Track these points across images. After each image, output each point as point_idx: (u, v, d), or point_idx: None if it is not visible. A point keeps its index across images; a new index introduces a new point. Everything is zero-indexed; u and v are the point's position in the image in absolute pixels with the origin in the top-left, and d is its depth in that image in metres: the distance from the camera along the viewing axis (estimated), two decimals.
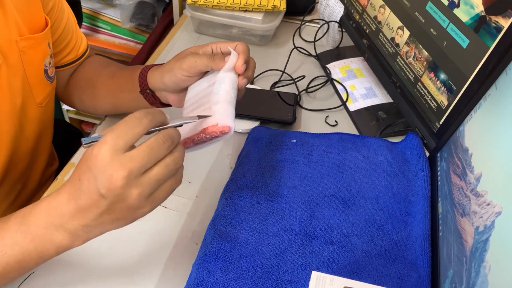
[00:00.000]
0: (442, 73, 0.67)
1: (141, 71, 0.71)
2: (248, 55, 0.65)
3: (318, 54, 1.00)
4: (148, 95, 0.71)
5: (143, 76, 0.70)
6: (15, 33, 0.64)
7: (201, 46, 0.67)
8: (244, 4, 1.00)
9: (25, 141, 0.73)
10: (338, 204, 0.66)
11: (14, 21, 0.64)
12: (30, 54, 0.67)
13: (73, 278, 0.62)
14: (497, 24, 0.56)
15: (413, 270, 0.59)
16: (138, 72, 0.71)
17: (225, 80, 0.62)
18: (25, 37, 0.65)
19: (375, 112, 0.87)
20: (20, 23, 0.65)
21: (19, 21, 0.65)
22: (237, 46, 0.65)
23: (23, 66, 0.66)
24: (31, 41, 0.66)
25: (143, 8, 1.41)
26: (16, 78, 0.66)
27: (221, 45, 0.66)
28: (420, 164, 0.70)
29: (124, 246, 0.65)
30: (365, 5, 0.88)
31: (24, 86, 0.68)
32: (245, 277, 0.58)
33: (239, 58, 0.63)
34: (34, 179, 0.81)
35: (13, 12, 0.64)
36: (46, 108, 0.75)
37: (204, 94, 0.63)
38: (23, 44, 0.65)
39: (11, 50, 0.64)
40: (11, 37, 0.64)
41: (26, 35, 0.66)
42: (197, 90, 0.65)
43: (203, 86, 0.65)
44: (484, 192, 0.50)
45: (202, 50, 0.66)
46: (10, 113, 0.66)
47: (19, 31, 0.65)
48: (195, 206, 0.72)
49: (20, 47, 0.65)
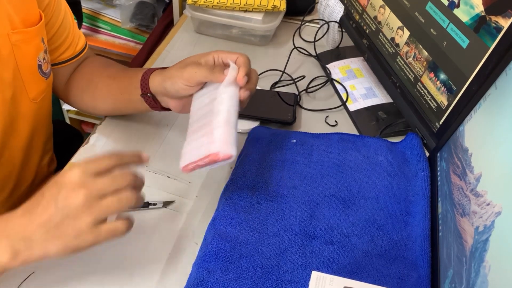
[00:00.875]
0: (442, 73, 0.67)
1: (143, 74, 0.71)
2: (249, 67, 0.65)
3: (318, 54, 1.00)
4: (149, 98, 0.71)
5: (145, 80, 0.70)
6: (7, 26, 0.64)
7: (203, 55, 0.67)
8: (244, 4, 1.00)
9: (17, 136, 0.73)
10: (338, 204, 0.66)
11: (6, 14, 0.64)
12: (22, 48, 0.67)
13: (73, 278, 0.62)
14: (497, 24, 0.56)
15: (413, 270, 0.59)
16: (140, 74, 0.71)
17: (225, 96, 0.63)
18: (17, 30, 0.66)
19: (375, 112, 0.87)
20: (13, 16, 0.65)
21: (12, 14, 0.65)
22: (238, 58, 0.65)
23: (15, 59, 0.67)
24: (24, 35, 0.67)
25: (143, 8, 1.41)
26: (7, 71, 0.66)
27: (223, 55, 0.66)
28: (420, 164, 0.70)
29: (124, 246, 0.65)
30: (365, 5, 0.88)
31: (15, 79, 0.68)
32: (245, 277, 0.58)
33: (240, 70, 0.64)
34: (28, 176, 0.81)
35: (5, 5, 0.64)
36: (41, 104, 0.75)
37: (206, 112, 0.64)
38: (15, 38, 0.65)
39: (2, 43, 0.64)
40: (3, 30, 0.64)
41: (19, 29, 0.66)
42: (200, 104, 0.66)
43: (205, 101, 0.65)
44: (484, 192, 0.50)
45: (204, 60, 0.67)
46: (0, 107, 0.66)
47: (12, 24, 0.65)
48: (195, 206, 0.72)
49: (12, 41, 0.65)
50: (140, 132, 0.83)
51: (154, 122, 0.85)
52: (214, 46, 1.05)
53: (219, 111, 0.61)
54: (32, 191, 0.84)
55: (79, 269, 0.63)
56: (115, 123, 0.85)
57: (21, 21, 0.67)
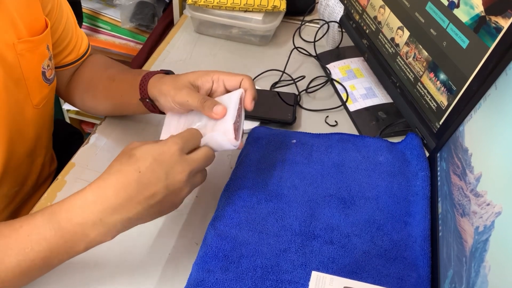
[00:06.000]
0: (442, 73, 0.67)
1: (142, 79, 0.69)
2: (255, 90, 0.65)
3: (318, 54, 1.00)
4: (148, 103, 0.70)
5: (144, 84, 0.69)
6: (13, 36, 0.64)
7: (202, 75, 0.65)
8: (244, 4, 1.00)
9: (22, 142, 0.72)
10: (338, 204, 0.66)
11: (11, 23, 0.64)
12: (27, 57, 0.67)
13: (73, 278, 0.62)
14: (497, 24, 0.56)
15: (413, 270, 0.59)
16: (140, 78, 0.70)
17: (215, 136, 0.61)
18: (23, 40, 0.65)
19: (375, 112, 0.87)
20: (20, 25, 0.65)
21: (18, 23, 0.64)
22: (242, 80, 0.64)
23: (21, 68, 0.66)
24: (29, 44, 0.66)
25: (143, 8, 1.42)
26: (13, 80, 0.66)
27: (224, 77, 0.64)
28: (420, 164, 0.70)
29: (124, 246, 0.65)
30: (365, 5, 0.88)
31: (21, 88, 0.68)
32: (245, 277, 0.58)
33: (248, 95, 0.63)
34: (32, 180, 0.81)
35: (11, 14, 0.63)
36: (44, 109, 0.75)
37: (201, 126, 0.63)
38: (21, 47, 0.65)
39: (8, 53, 0.64)
40: (8, 40, 0.63)
41: (24, 38, 0.65)
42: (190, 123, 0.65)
43: (195, 122, 0.64)
44: (484, 192, 0.50)
45: (201, 81, 0.64)
46: (6, 116, 0.66)
47: (17, 34, 0.65)
48: (195, 206, 0.72)
49: (17, 50, 0.65)
50: (140, 132, 0.83)
51: (154, 122, 0.85)
52: (214, 46, 1.06)
53: None
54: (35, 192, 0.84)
55: (79, 269, 0.63)
56: (115, 123, 0.85)
57: (27, 29, 0.66)
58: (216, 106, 0.60)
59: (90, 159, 0.78)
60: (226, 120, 0.60)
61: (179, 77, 0.65)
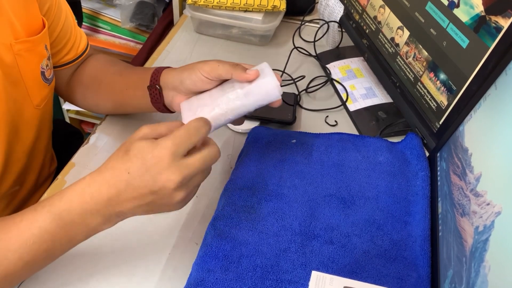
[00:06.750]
0: (442, 73, 0.67)
1: (155, 69, 0.71)
2: None
3: (318, 54, 1.00)
4: (155, 91, 0.70)
5: (157, 73, 0.70)
6: (10, 36, 0.64)
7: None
8: (244, 4, 1.00)
9: (22, 143, 0.72)
10: (338, 204, 0.66)
11: (8, 24, 0.63)
12: (26, 57, 0.67)
13: (73, 278, 0.62)
14: (497, 24, 0.56)
15: (413, 270, 0.59)
16: (150, 71, 0.71)
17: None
18: (20, 40, 0.65)
19: (375, 112, 0.87)
20: (17, 26, 0.65)
21: (15, 23, 0.64)
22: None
23: (19, 69, 0.66)
24: (27, 44, 0.66)
25: (143, 8, 1.42)
26: (11, 81, 0.66)
27: (246, 66, 0.66)
28: (420, 164, 0.70)
29: (124, 246, 0.65)
30: (365, 5, 0.88)
31: (20, 88, 0.68)
32: (245, 277, 0.58)
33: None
34: (31, 179, 0.81)
35: (8, 14, 0.63)
36: (44, 110, 0.75)
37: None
38: (18, 48, 0.65)
39: (5, 53, 0.64)
40: (5, 41, 0.63)
41: (22, 38, 0.65)
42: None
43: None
44: (483, 192, 0.50)
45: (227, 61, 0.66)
46: (5, 116, 0.66)
47: (15, 34, 0.64)
48: (195, 206, 0.72)
49: (15, 51, 0.65)
50: None
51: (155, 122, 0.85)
52: (214, 46, 1.06)
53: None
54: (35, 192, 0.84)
55: (79, 269, 0.63)
56: (116, 122, 0.85)
57: (24, 29, 0.66)
58: (248, 70, 0.62)
59: (90, 159, 0.78)
60: (266, 74, 0.61)
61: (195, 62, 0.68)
